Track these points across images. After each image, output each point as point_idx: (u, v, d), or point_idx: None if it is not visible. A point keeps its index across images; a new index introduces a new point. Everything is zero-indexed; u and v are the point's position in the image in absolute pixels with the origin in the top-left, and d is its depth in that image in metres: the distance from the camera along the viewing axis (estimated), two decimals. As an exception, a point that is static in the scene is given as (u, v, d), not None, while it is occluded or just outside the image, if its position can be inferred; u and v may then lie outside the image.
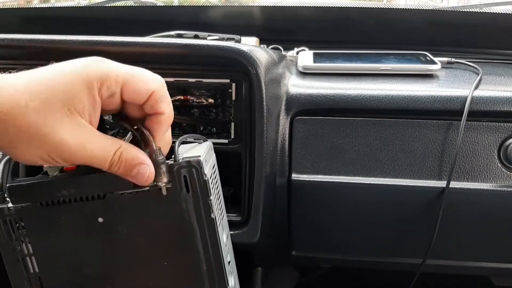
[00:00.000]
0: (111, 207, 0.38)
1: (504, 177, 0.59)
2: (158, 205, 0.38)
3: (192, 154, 0.38)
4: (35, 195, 0.38)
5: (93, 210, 0.38)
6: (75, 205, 0.37)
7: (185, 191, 0.37)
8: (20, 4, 1.03)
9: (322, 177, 0.60)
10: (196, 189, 0.37)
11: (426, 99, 0.59)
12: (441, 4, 1.17)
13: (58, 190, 0.37)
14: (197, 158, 0.37)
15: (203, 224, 0.39)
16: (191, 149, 0.41)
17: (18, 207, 0.38)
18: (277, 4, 0.95)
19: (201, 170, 0.37)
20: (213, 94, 0.58)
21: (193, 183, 0.37)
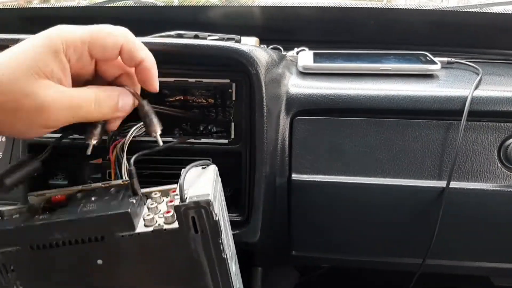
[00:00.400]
0: (111, 249, 0.34)
1: (504, 177, 0.59)
2: (163, 246, 0.35)
3: (200, 190, 0.35)
4: (24, 238, 0.34)
5: (91, 252, 0.35)
6: (70, 247, 0.34)
7: (193, 232, 0.34)
8: (20, 4, 1.03)
9: (322, 177, 0.60)
10: (206, 229, 0.34)
11: (426, 99, 0.59)
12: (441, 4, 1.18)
13: (51, 233, 0.34)
14: (207, 199, 0.34)
15: (213, 264, 0.36)
16: (197, 179, 0.38)
17: (6, 251, 0.35)
18: (277, 4, 0.94)
19: (210, 210, 0.34)
20: (213, 94, 0.58)
21: (202, 223, 0.34)
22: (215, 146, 0.56)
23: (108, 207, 0.34)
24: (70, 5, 1.04)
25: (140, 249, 0.35)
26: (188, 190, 0.35)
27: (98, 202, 0.35)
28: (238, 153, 0.56)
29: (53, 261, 0.35)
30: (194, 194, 0.34)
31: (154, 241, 0.34)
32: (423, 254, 0.61)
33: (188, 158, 0.57)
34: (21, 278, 0.36)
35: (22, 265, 0.35)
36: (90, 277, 0.36)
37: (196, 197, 0.34)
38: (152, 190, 0.39)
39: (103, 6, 0.96)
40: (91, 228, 0.34)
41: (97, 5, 0.99)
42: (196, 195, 0.34)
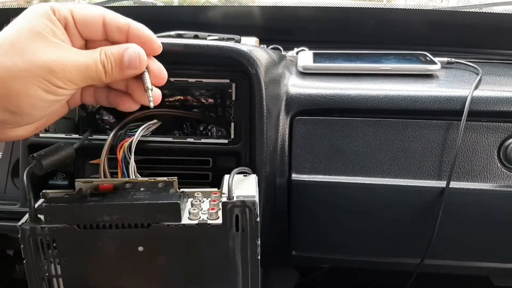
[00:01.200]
0: (154, 237, 0.37)
1: (504, 177, 0.59)
2: (203, 240, 0.37)
3: (245, 191, 0.38)
4: (73, 217, 0.36)
5: (134, 238, 0.37)
6: (115, 231, 0.36)
7: (234, 230, 0.37)
8: (20, 4, 1.03)
9: (322, 177, 0.60)
10: (247, 228, 0.37)
11: (426, 99, 0.59)
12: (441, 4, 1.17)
13: (100, 215, 0.36)
14: (253, 199, 0.37)
15: (247, 264, 0.38)
16: (240, 183, 0.41)
17: (53, 227, 0.36)
18: (277, 4, 0.94)
19: (255, 211, 0.37)
20: (213, 94, 0.58)
21: (244, 222, 0.37)
22: (215, 146, 0.56)
23: (157, 197, 0.36)
24: (70, 5, 1.04)
25: (181, 240, 0.37)
26: (235, 191, 0.37)
27: (146, 193, 0.37)
28: (238, 153, 0.56)
29: (96, 243, 0.37)
30: (241, 194, 0.37)
31: (196, 234, 0.37)
32: (423, 254, 0.61)
33: (188, 158, 0.57)
34: (61, 255, 0.37)
35: (65, 243, 0.37)
36: (128, 263, 0.38)
37: (242, 197, 0.37)
38: (195, 190, 0.42)
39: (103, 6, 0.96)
40: (140, 214, 0.36)
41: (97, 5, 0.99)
42: (243, 195, 0.37)
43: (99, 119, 0.57)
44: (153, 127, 0.54)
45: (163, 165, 0.56)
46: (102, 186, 0.39)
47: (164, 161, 0.56)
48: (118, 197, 0.37)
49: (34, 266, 0.37)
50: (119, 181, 0.40)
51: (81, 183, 0.39)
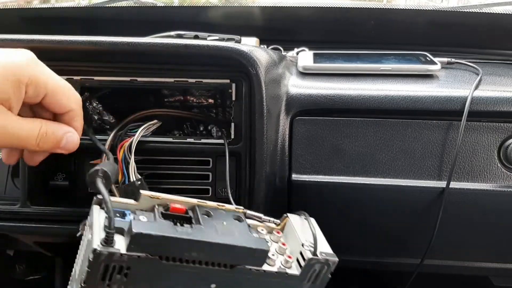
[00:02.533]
0: (230, 278, 0.36)
1: (504, 177, 0.59)
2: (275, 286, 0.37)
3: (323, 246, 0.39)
4: (160, 248, 0.33)
5: (212, 275, 0.35)
6: (197, 267, 0.34)
7: (306, 281, 0.38)
8: (20, 4, 1.03)
9: (322, 178, 0.60)
10: (317, 282, 0.38)
11: (426, 100, 0.59)
12: (441, 4, 1.17)
13: (189, 250, 0.33)
14: (335, 259, 0.38)
15: None
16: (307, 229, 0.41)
17: (134, 255, 0.32)
18: (277, 5, 0.94)
19: (330, 269, 0.38)
20: (213, 95, 0.58)
21: (318, 276, 0.38)
22: (215, 146, 0.56)
23: (246, 239, 0.36)
24: (70, 5, 1.04)
25: (254, 283, 0.37)
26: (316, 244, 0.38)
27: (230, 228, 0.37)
28: (238, 153, 0.56)
29: (172, 276, 0.34)
30: (324, 251, 0.38)
31: (270, 279, 0.37)
32: (423, 254, 0.61)
33: (189, 159, 0.57)
34: (129, 284, 0.34)
35: (139, 272, 0.33)
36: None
37: (325, 254, 0.38)
38: (257, 224, 0.42)
39: (103, 7, 0.96)
40: (231, 256, 0.35)
41: (97, 5, 0.99)
42: (326, 253, 0.38)
43: (99, 119, 0.57)
44: (153, 127, 0.53)
45: (163, 165, 0.56)
46: (174, 208, 0.37)
47: (164, 161, 0.56)
48: (207, 230, 0.35)
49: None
50: (188, 203, 0.38)
51: (148, 197, 0.37)
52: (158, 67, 0.55)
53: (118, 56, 0.55)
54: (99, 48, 0.54)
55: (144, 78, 0.55)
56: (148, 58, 0.55)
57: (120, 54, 0.54)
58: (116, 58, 0.55)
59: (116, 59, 0.55)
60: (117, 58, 0.55)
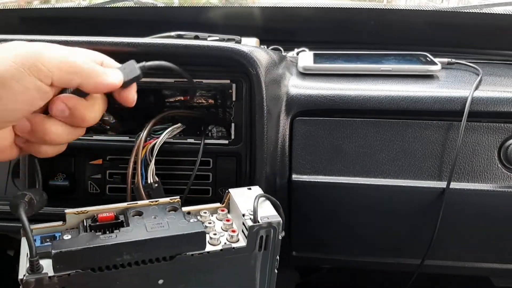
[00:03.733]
0: (175, 268, 0.35)
1: (504, 177, 0.59)
2: (226, 263, 0.37)
3: (266, 212, 0.38)
4: (88, 260, 0.32)
5: (155, 272, 0.34)
6: (134, 268, 0.33)
7: (257, 250, 0.37)
8: (20, 4, 1.03)
9: (322, 178, 0.60)
10: (269, 247, 0.38)
11: (426, 100, 0.59)
12: (441, 4, 1.18)
13: (119, 254, 0.32)
14: (278, 220, 0.37)
15: (264, 277, 0.39)
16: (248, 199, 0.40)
17: (64, 275, 0.31)
18: (277, 5, 0.94)
19: (278, 231, 0.37)
20: (213, 95, 0.58)
21: (267, 242, 0.37)
22: (215, 146, 0.56)
23: (177, 227, 0.34)
24: (70, 6, 1.04)
25: (204, 267, 0.36)
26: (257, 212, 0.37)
27: (160, 221, 0.35)
28: (238, 153, 0.56)
29: (112, 284, 0.33)
30: (265, 215, 0.37)
31: (218, 258, 0.36)
32: (424, 255, 0.61)
33: (189, 159, 0.57)
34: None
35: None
36: None
37: (267, 218, 0.37)
38: (198, 208, 0.40)
39: (104, 7, 0.96)
40: (165, 248, 0.34)
41: (97, 5, 0.99)
42: (267, 216, 0.37)
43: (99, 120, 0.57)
44: (177, 131, 0.54)
45: (162, 165, 0.56)
46: (101, 217, 0.35)
47: (164, 161, 0.56)
48: (134, 230, 0.33)
49: None
50: (117, 208, 0.37)
51: (74, 214, 0.36)
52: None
53: (118, 57, 0.55)
54: (99, 48, 0.54)
55: (144, 78, 0.55)
56: (148, 58, 0.55)
57: (120, 54, 0.54)
58: (116, 58, 0.55)
59: (116, 60, 0.55)
60: (117, 58, 0.55)
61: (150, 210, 0.36)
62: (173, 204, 0.38)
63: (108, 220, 0.35)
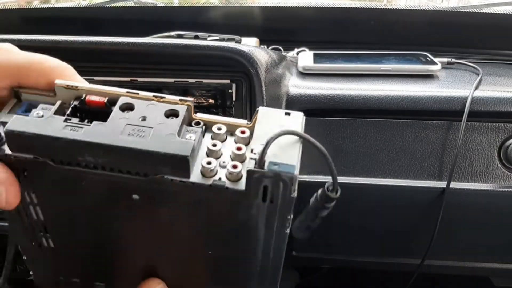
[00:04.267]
0: (153, 189, 0.28)
1: (504, 177, 0.59)
2: (218, 203, 0.28)
3: (284, 155, 0.28)
4: (44, 150, 0.27)
5: (128, 184, 0.28)
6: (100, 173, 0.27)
7: (260, 200, 0.28)
8: (20, 4, 1.03)
9: (322, 178, 0.60)
10: (277, 202, 0.28)
11: (427, 100, 0.59)
12: (441, 4, 1.18)
13: (80, 154, 0.26)
14: (291, 174, 0.27)
15: (271, 237, 0.31)
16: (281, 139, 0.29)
17: (20, 157, 0.27)
18: (277, 5, 0.94)
19: (291, 187, 0.28)
20: (214, 95, 0.58)
21: (275, 195, 0.28)
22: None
23: (160, 141, 0.26)
24: (70, 6, 1.04)
25: (189, 198, 0.28)
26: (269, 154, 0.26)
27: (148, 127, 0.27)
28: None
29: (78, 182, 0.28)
30: (277, 161, 0.27)
31: (208, 195, 0.28)
32: (424, 255, 0.61)
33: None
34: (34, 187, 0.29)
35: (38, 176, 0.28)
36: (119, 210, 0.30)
37: (278, 167, 0.27)
38: (216, 120, 0.30)
39: (103, 7, 0.96)
40: (134, 163, 0.27)
41: (97, 5, 0.99)
42: (279, 163, 0.27)
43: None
44: None
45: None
46: (89, 100, 0.28)
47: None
48: (109, 129, 0.26)
49: None
50: (114, 94, 0.29)
51: (64, 88, 0.29)
52: (158, 67, 0.55)
53: (118, 56, 0.55)
54: (99, 48, 0.54)
55: (144, 78, 0.55)
56: (148, 58, 0.55)
57: (120, 54, 0.54)
58: (116, 58, 0.55)
59: (116, 59, 0.55)
60: (117, 58, 0.55)
61: (144, 108, 0.28)
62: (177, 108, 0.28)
63: (97, 106, 0.29)
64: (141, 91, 0.29)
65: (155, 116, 0.27)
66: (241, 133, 0.29)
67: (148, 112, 0.28)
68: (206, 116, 0.29)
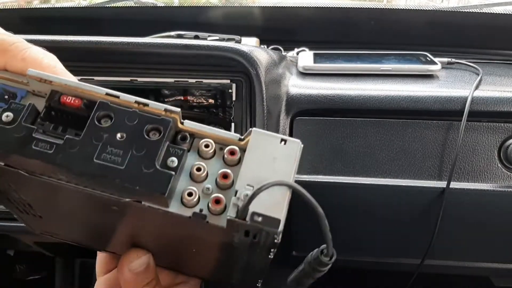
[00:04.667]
0: (131, 209, 0.26)
1: (504, 177, 0.58)
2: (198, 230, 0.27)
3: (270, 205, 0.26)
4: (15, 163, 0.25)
5: (105, 199, 0.26)
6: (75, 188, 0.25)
7: (243, 235, 0.25)
8: (20, 4, 1.03)
9: (322, 178, 0.60)
10: (260, 240, 0.26)
11: (426, 100, 0.59)
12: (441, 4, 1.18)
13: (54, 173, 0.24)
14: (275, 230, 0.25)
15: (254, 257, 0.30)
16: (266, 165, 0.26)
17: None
18: (277, 5, 0.95)
19: (275, 236, 0.25)
20: (213, 95, 0.58)
21: (258, 236, 0.25)
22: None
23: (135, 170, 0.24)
24: (70, 6, 1.04)
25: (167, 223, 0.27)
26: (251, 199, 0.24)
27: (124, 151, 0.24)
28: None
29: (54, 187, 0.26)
30: (261, 212, 0.24)
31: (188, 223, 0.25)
32: (423, 255, 0.61)
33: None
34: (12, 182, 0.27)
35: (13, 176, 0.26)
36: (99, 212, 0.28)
37: (261, 219, 0.24)
38: (203, 133, 0.26)
39: (103, 7, 0.96)
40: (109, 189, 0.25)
41: (97, 5, 0.99)
42: (263, 215, 0.24)
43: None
44: None
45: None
46: (64, 100, 0.25)
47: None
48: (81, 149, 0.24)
49: None
50: (92, 94, 0.26)
51: (36, 82, 0.26)
52: (158, 67, 0.55)
53: (118, 56, 0.55)
54: (99, 48, 0.54)
55: (144, 78, 0.55)
56: (148, 58, 0.55)
57: (120, 54, 0.54)
58: (116, 58, 0.55)
59: (116, 59, 0.55)
60: (117, 58, 0.55)
61: (125, 119, 0.25)
62: (160, 123, 0.25)
63: (72, 107, 0.25)
64: (122, 94, 0.26)
65: (134, 133, 0.24)
66: (230, 155, 0.26)
67: (127, 127, 0.25)
68: (194, 126, 0.26)
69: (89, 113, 0.25)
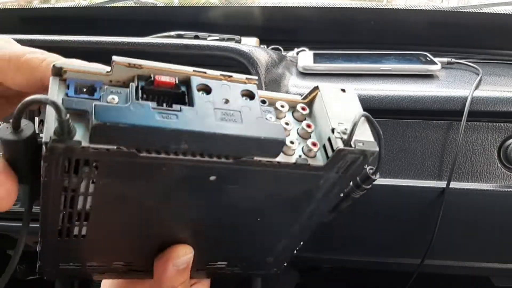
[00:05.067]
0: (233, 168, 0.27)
1: (504, 177, 0.59)
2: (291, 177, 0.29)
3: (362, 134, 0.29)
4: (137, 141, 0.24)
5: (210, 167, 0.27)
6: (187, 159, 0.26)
7: (335, 172, 0.29)
8: (20, 4, 1.03)
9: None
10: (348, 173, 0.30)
11: (426, 100, 0.59)
12: (441, 4, 1.18)
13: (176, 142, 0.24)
14: (374, 149, 0.29)
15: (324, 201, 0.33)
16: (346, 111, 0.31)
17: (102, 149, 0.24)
18: (277, 5, 0.95)
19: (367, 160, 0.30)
20: (213, 95, 0.58)
21: (349, 167, 0.30)
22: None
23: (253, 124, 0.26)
24: (70, 5, 1.04)
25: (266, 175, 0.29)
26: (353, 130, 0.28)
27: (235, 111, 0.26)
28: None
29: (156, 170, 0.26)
30: (361, 139, 0.28)
31: (286, 171, 0.28)
32: (423, 255, 0.61)
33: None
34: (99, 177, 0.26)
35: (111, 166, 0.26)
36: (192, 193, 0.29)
37: (363, 145, 0.28)
38: (275, 97, 0.30)
39: (103, 7, 0.96)
40: (232, 147, 0.26)
41: (97, 5, 0.99)
42: (364, 141, 0.28)
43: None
44: None
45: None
46: (159, 81, 0.27)
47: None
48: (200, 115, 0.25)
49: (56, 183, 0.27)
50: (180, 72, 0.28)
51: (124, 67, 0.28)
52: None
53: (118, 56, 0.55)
54: (99, 48, 0.54)
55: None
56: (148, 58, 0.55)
57: (120, 54, 0.54)
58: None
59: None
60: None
61: (220, 88, 0.27)
62: (248, 87, 0.28)
63: (167, 87, 0.27)
64: (207, 70, 0.28)
65: (234, 97, 0.27)
66: (302, 110, 0.31)
67: (226, 94, 0.27)
68: (265, 93, 0.30)
69: (184, 89, 0.27)
